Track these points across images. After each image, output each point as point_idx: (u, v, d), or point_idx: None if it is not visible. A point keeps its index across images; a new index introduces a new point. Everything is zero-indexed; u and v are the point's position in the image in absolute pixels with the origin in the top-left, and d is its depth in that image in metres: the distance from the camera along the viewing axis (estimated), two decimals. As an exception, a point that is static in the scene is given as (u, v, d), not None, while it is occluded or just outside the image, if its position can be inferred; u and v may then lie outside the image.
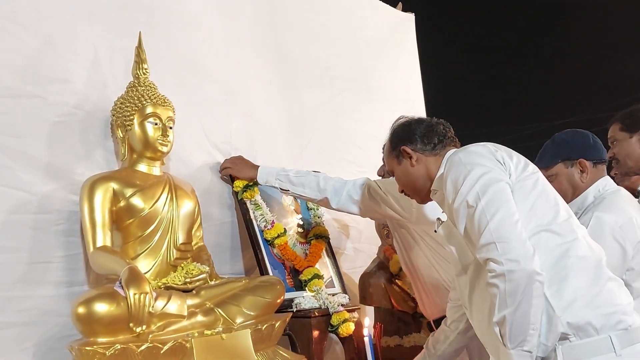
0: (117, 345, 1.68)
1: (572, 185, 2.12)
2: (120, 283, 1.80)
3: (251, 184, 2.64)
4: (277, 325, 2.12)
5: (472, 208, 1.53)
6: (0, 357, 1.90)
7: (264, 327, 2.05)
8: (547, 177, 1.85)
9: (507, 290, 1.44)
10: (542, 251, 1.51)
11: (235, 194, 2.66)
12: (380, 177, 2.76)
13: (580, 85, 8.17)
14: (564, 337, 1.49)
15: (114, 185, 2.07)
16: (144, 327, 1.78)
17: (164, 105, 2.22)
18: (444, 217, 1.80)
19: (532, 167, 1.69)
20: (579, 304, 1.48)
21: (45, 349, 2.00)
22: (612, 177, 2.31)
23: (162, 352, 1.76)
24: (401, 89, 4.14)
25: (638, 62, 7.73)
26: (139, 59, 2.27)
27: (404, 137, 1.89)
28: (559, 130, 2.53)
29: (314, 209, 2.96)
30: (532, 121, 8.11)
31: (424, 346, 2.26)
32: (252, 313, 2.06)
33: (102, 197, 2.03)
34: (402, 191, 1.98)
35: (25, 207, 2.01)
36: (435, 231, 1.81)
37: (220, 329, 1.96)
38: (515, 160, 1.65)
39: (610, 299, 1.51)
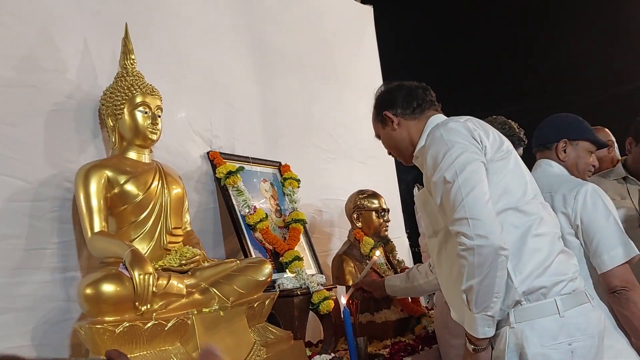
0: (125, 323, 1.76)
1: None
2: (124, 265, 1.88)
3: (234, 170, 2.74)
4: (267, 303, 2.25)
5: (449, 184, 1.67)
6: (-1, 342, 1.95)
7: (256, 305, 2.18)
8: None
9: (475, 262, 1.60)
10: (507, 228, 1.69)
11: (218, 180, 2.75)
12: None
13: (532, 74, 8.52)
14: (517, 303, 1.69)
15: (108, 172, 2.13)
16: (149, 305, 1.86)
17: (152, 94, 2.29)
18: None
19: (507, 145, 1.84)
20: (533, 276, 1.68)
21: (42, 333, 2.05)
22: None
23: (166, 328, 1.85)
24: (364, 79, 4.29)
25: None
26: (127, 49, 2.33)
27: (385, 103, 2.03)
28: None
29: (290, 194, 3.08)
30: (489, 109, 8.42)
31: (405, 272, 2.50)
32: (244, 292, 2.16)
33: (97, 184, 2.09)
34: (389, 153, 2.11)
35: (22, 194, 2.05)
36: (414, 195, 1.97)
37: (217, 306, 2.07)
38: (491, 139, 1.79)
39: (559, 269, 1.71)
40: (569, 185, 2.12)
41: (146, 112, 2.25)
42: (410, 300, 3.07)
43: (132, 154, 2.28)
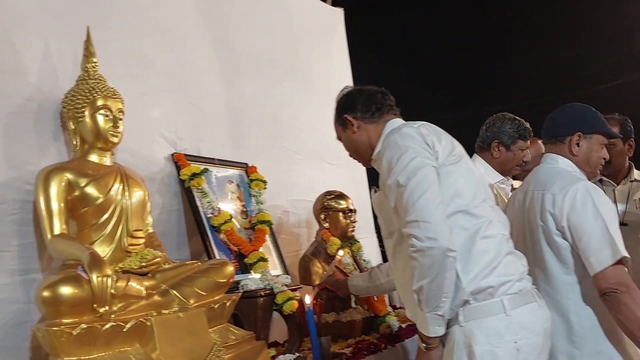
0: (82, 325, 1.77)
1: None
2: (82, 267, 1.89)
3: (198, 172, 2.76)
4: (228, 304, 2.27)
5: (402, 187, 1.73)
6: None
7: (216, 306, 2.20)
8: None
9: (425, 263, 1.66)
10: (457, 230, 1.75)
11: (182, 182, 2.77)
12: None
13: (505, 74, 8.63)
14: (466, 302, 1.75)
15: (68, 175, 2.15)
16: (107, 307, 1.87)
17: (114, 98, 2.31)
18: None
19: (459, 150, 1.90)
20: (480, 276, 1.74)
21: (2, 335, 2.05)
22: None
23: (124, 330, 1.86)
24: (333, 80, 4.30)
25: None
26: (88, 52, 2.35)
27: (346, 106, 2.09)
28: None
29: (256, 196, 3.11)
30: (460, 110, 8.52)
31: (368, 271, 2.58)
32: (204, 293, 2.19)
33: (57, 187, 2.10)
34: (350, 155, 2.16)
35: (-19, 197, 2.05)
36: (372, 198, 2.02)
37: (177, 308, 2.09)
38: (443, 144, 1.85)
39: (506, 270, 1.77)
40: (561, 184, 2.10)
41: (107, 115, 2.27)
42: (375, 299, 3.12)
43: (93, 157, 2.29)
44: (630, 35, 8.43)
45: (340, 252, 2.93)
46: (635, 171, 2.98)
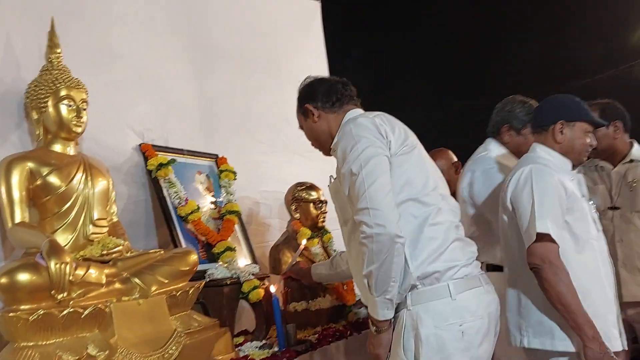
0: (40, 310, 1.81)
1: None
2: (41, 255, 1.92)
3: (165, 162, 2.79)
4: (190, 291, 2.31)
5: (355, 176, 1.77)
6: None
7: (178, 294, 2.24)
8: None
9: (374, 249, 1.71)
10: (407, 218, 1.80)
11: (149, 172, 2.79)
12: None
13: (486, 68, 8.67)
14: (413, 287, 1.80)
15: (30, 164, 2.18)
16: (65, 294, 1.90)
17: (77, 88, 2.34)
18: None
19: (412, 139, 1.94)
20: (427, 262, 1.79)
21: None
22: None
23: (82, 316, 1.90)
24: (308, 74, 4.34)
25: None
26: (52, 43, 2.37)
27: (307, 96, 2.11)
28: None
29: (226, 187, 3.14)
30: (448, 104, 8.56)
31: (330, 259, 2.64)
32: (166, 281, 2.23)
33: (18, 176, 2.14)
34: (313, 145, 2.19)
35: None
36: (328, 186, 2.05)
37: (137, 295, 2.13)
38: (397, 133, 1.89)
39: (453, 255, 1.82)
40: (514, 169, 2.21)
41: (70, 106, 2.29)
42: (345, 288, 3.16)
43: (57, 147, 2.32)
44: (617, 27, 8.48)
45: (304, 242, 2.96)
46: (635, 149, 2.94)
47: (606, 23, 8.26)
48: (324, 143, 2.11)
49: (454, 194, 3.22)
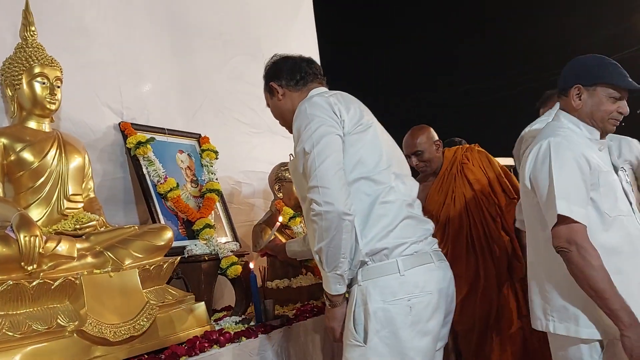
0: (9, 281, 1.84)
1: None
2: (11, 227, 1.95)
3: (144, 140, 2.82)
4: (165, 266, 2.33)
5: (307, 155, 1.80)
6: None
7: (152, 267, 2.27)
8: None
9: (323, 226, 1.75)
10: (359, 196, 1.83)
11: (129, 150, 2.83)
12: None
13: (495, 50, 8.65)
14: (363, 263, 1.83)
15: (3, 140, 2.22)
16: (35, 266, 1.94)
17: (51, 66, 2.37)
18: None
19: (367, 118, 1.95)
20: (376, 239, 1.82)
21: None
22: None
23: (52, 287, 1.93)
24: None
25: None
26: (27, 21, 2.40)
27: (272, 74, 2.14)
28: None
29: (207, 166, 3.17)
30: (430, 89, 8.56)
31: (303, 236, 2.66)
32: (140, 256, 2.25)
33: (-8, 152, 2.17)
34: (280, 123, 2.21)
35: None
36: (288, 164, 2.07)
37: (109, 269, 2.16)
38: (351, 112, 1.91)
39: (402, 233, 1.84)
40: (533, 142, 2.03)
41: (44, 83, 2.32)
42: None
43: (31, 124, 2.35)
44: (624, 10, 8.43)
45: (280, 218, 3.00)
46: None
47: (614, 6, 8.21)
48: (288, 121, 2.11)
49: (438, 171, 3.27)
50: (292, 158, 2.03)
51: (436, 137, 3.31)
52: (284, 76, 2.10)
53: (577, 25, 8.26)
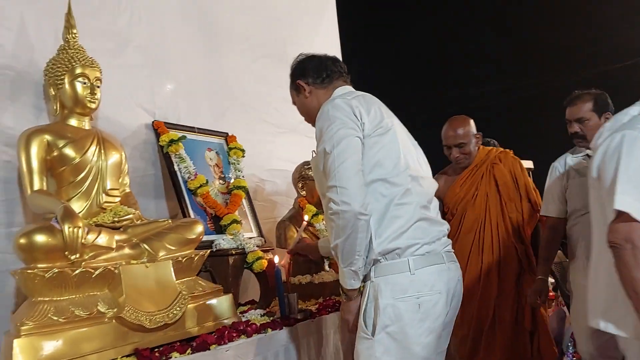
0: (54, 269, 1.97)
1: None
2: (56, 219, 2.08)
3: (176, 138, 2.94)
4: (195, 258, 2.45)
5: (328, 155, 1.89)
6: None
7: (183, 260, 2.38)
8: None
9: (340, 225, 1.83)
10: (377, 197, 1.91)
11: (161, 147, 2.95)
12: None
13: (493, 55, 8.67)
14: (377, 261, 1.92)
15: (47, 137, 2.35)
16: (78, 255, 2.06)
17: (92, 67, 2.50)
18: None
19: (387, 121, 2.01)
20: (389, 239, 1.89)
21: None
22: None
23: (93, 276, 2.06)
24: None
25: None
26: (69, 24, 2.53)
27: (298, 72, 2.23)
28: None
29: (234, 163, 3.29)
30: (452, 88, 8.59)
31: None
32: (173, 248, 2.37)
33: (37, 147, 2.31)
34: (306, 120, 2.29)
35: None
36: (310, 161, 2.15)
37: (145, 260, 2.28)
38: (372, 115, 1.98)
39: (415, 234, 1.92)
40: (605, 135, 1.92)
41: (85, 83, 2.45)
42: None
43: (72, 121, 2.48)
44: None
45: (306, 218, 3.09)
46: None
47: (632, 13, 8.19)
48: (314, 117, 2.16)
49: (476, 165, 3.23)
50: (314, 155, 2.12)
51: (476, 130, 3.29)
52: (311, 74, 2.18)
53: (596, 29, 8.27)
